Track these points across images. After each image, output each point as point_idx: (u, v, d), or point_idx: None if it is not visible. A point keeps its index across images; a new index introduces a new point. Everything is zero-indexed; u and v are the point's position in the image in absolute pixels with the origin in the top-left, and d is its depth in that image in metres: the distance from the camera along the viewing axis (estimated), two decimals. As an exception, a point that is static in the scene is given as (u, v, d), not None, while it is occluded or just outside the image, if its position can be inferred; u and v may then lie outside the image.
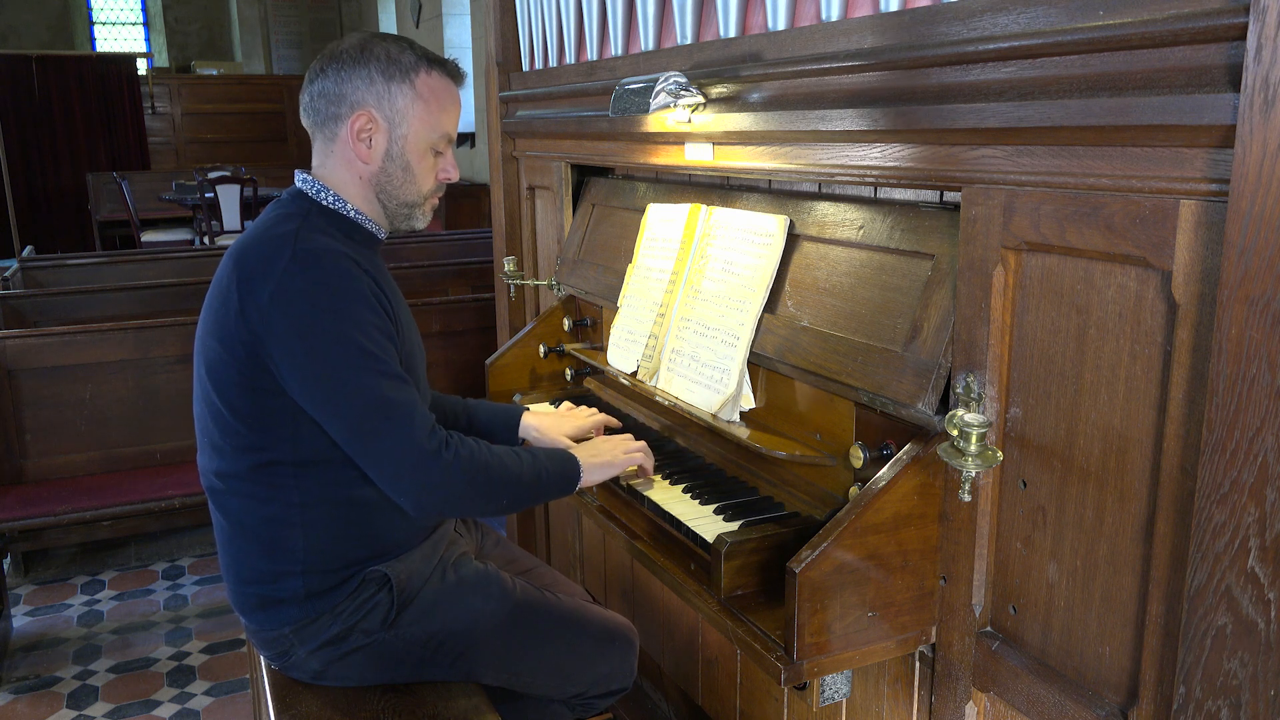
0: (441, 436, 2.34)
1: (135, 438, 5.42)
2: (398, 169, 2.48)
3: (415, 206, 2.54)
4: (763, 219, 2.72)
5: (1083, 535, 1.87)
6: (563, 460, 2.59)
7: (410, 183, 2.50)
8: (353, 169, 2.48)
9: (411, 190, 2.51)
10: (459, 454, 2.34)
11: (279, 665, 2.56)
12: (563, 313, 3.80)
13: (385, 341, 2.31)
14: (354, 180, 2.49)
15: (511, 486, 2.44)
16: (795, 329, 2.52)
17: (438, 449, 2.31)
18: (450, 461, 2.32)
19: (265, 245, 2.33)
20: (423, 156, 2.49)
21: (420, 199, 2.54)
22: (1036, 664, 2.00)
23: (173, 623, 5.02)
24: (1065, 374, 1.86)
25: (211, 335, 2.36)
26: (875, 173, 2.24)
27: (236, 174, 13.00)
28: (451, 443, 2.35)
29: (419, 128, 2.46)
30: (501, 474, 2.42)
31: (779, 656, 2.06)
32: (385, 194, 2.50)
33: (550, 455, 2.58)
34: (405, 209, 2.53)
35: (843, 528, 2.03)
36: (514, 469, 2.45)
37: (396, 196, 2.51)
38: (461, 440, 2.38)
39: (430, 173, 2.52)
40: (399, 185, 2.49)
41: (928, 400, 2.10)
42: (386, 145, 2.45)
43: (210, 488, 2.49)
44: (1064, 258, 1.83)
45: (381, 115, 2.43)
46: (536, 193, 4.23)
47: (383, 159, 2.46)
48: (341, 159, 2.48)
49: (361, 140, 2.44)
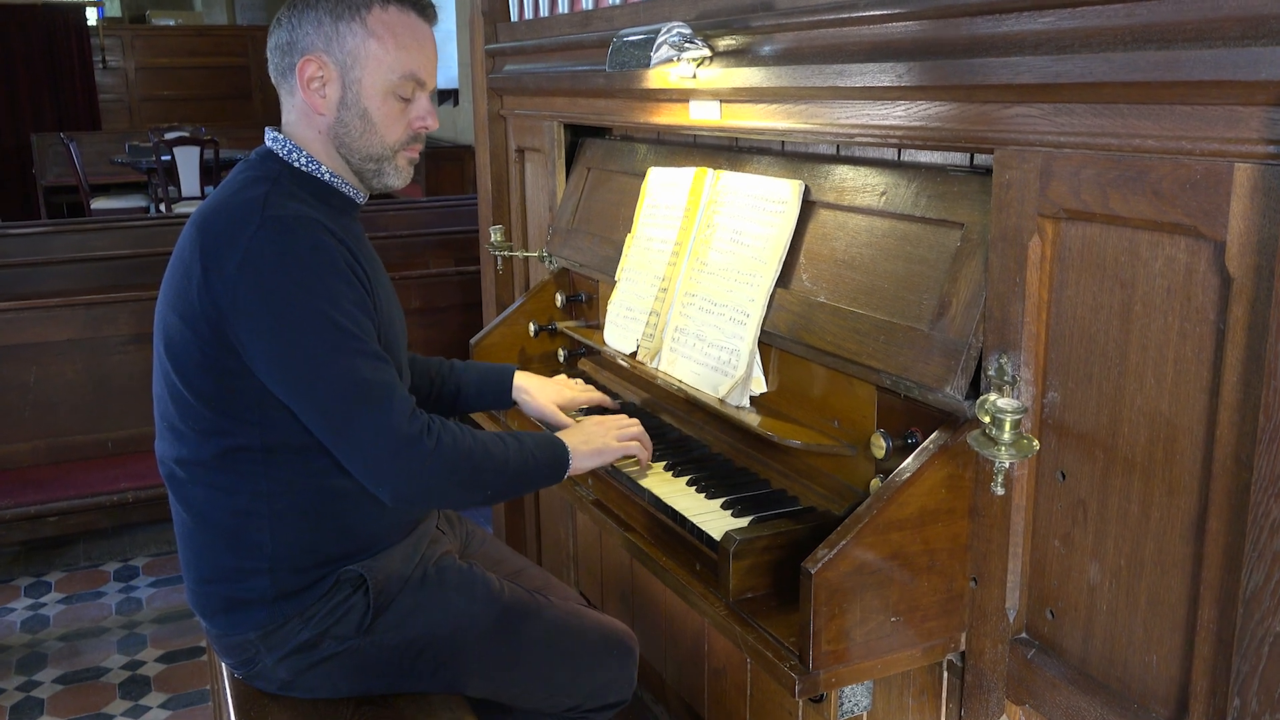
0: (423, 422, 2.34)
1: (85, 425, 5.43)
2: (354, 118, 2.45)
3: (383, 160, 2.52)
4: (775, 184, 2.72)
5: (1127, 532, 1.87)
6: (551, 447, 2.60)
7: (370, 133, 2.47)
8: (311, 123, 2.47)
9: (374, 142, 2.48)
10: (441, 441, 2.34)
11: (243, 674, 2.57)
12: (555, 287, 3.80)
13: (362, 317, 2.32)
14: (315, 136, 2.48)
15: (496, 475, 2.45)
16: (811, 305, 2.52)
17: (419, 435, 2.31)
18: (432, 449, 2.32)
19: (231, 211, 2.33)
20: (384, 102, 2.45)
21: (387, 151, 2.51)
22: (1076, 674, 2.00)
23: (126, 629, 5.03)
24: (1108, 355, 1.86)
25: (172, 310, 2.36)
26: (899, 133, 2.24)
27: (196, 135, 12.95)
28: (434, 428, 2.35)
29: (375, 69, 2.42)
30: (486, 462, 2.43)
31: (793, 666, 2.07)
32: (346, 148, 2.48)
33: (538, 442, 2.58)
34: (372, 164, 2.51)
35: (863, 524, 2.03)
36: (499, 456, 2.46)
37: (359, 150, 2.49)
38: (444, 425, 2.39)
39: (396, 121, 2.48)
40: (358, 136, 2.47)
41: (957, 384, 2.10)
42: (340, 92, 2.43)
43: (170, 477, 2.49)
44: (1107, 227, 1.83)
45: (332, 59, 2.41)
46: (526, 155, 4.23)
47: (337, 108, 2.44)
48: (301, 114, 2.48)
49: (314, 90, 2.43)
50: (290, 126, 2.51)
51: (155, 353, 2.46)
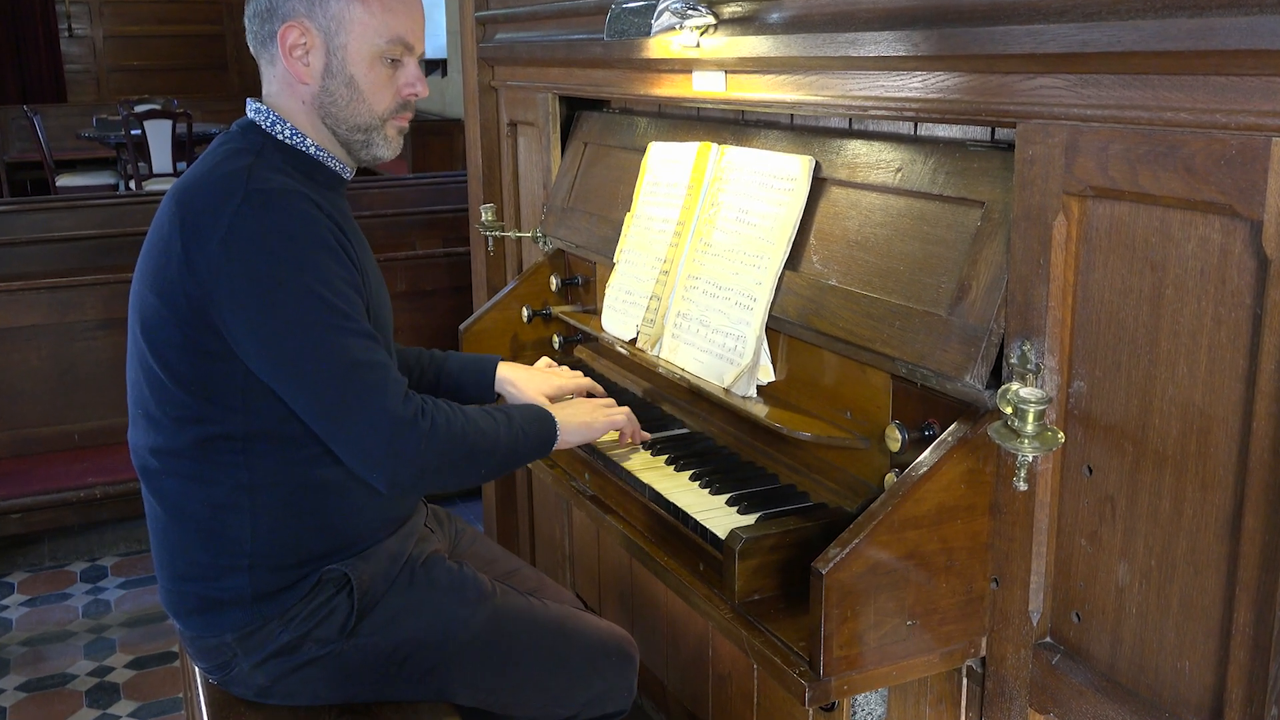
0: (417, 403, 2.36)
1: (50, 416, 5.43)
2: (341, 87, 2.46)
3: (372, 130, 2.52)
4: (783, 160, 2.71)
5: (1158, 530, 1.87)
6: (538, 419, 2.63)
7: (358, 102, 2.48)
8: (295, 93, 2.47)
9: (362, 111, 2.49)
10: (436, 422, 2.36)
11: (218, 679, 2.57)
12: (549, 270, 3.80)
13: (353, 295, 2.33)
14: (299, 107, 2.48)
15: (489, 455, 2.48)
16: (822, 289, 2.52)
17: (414, 418, 2.32)
18: (427, 432, 2.34)
19: (213, 185, 2.33)
20: (371, 68, 2.46)
21: (376, 120, 2.51)
22: (1104, 681, 2.00)
23: (93, 632, 5.03)
24: (1137, 341, 1.86)
25: (149, 289, 2.36)
26: (915, 106, 2.23)
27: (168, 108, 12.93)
28: (428, 410, 2.37)
29: (361, 33, 2.43)
30: (480, 442, 2.45)
31: (802, 672, 2.07)
32: (332, 119, 2.49)
33: (525, 415, 2.62)
34: (360, 134, 2.52)
35: (877, 521, 2.03)
36: (491, 434, 2.48)
37: (346, 120, 2.49)
38: (437, 406, 2.40)
39: (385, 88, 2.49)
40: (345, 106, 2.48)
41: (977, 372, 2.10)
42: (325, 60, 2.44)
43: (143, 468, 2.49)
44: (1136, 205, 1.82)
45: (315, 25, 2.41)
46: (519, 129, 4.22)
47: (322, 76, 2.45)
48: (283, 84, 2.48)
49: (296, 58, 2.43)
50: (272, 98, 2.51)
51: (130, 334, 2.46)
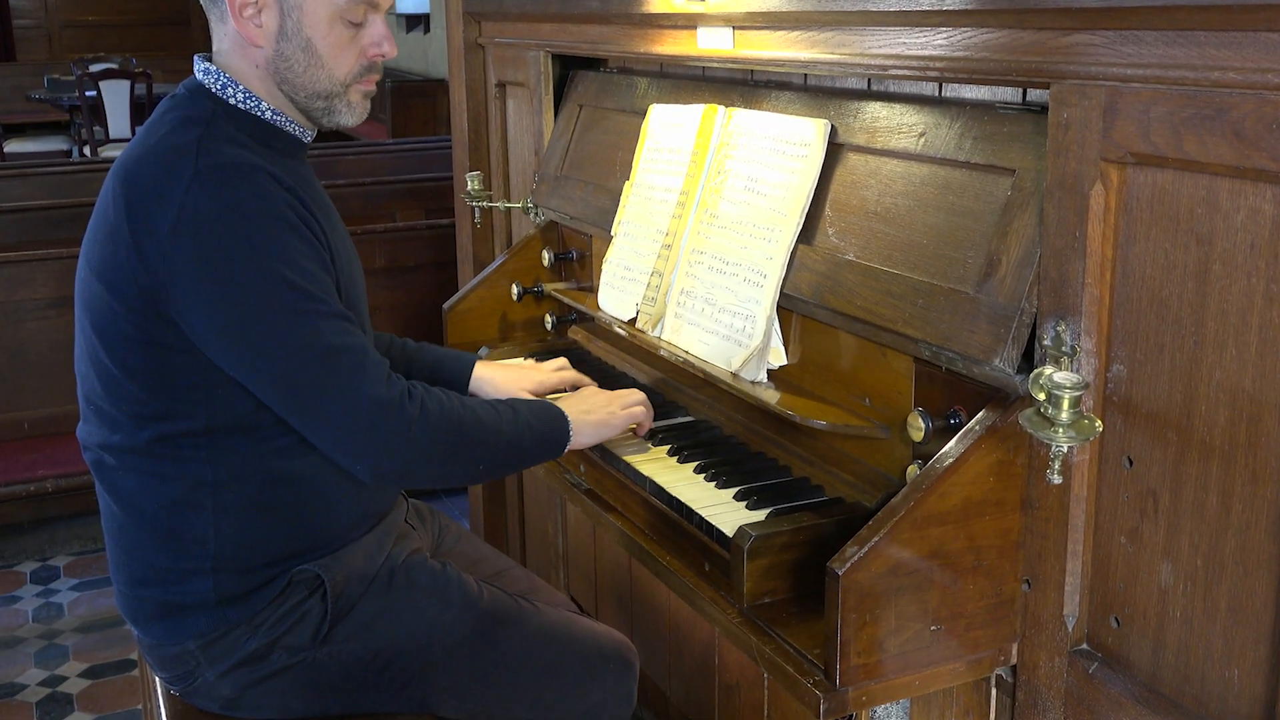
0: (402, 386, 2.35)
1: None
2: (297, 51, 2.43)
3: (333, 98, 2.50)
4: (796, 124, 2.71)
5: (1204, 527, 1.87)
6: (549, 416, 2.61)
7: (317, 67, 2.45)
8: (247, 55, 2.45)
9: (321, 77, 2.47)
10: (426, 407, 2.35)
11: (180, 690, 2.57)
12: (541, 244, 3.80)
13: (320, 274, 2.32)
14: (252, 70, 2.46)
15: (488, 448, 2.47)
16: (838, 264, 2.52)
17: (399, 401, 2.32)
18: (416, 416, 2.33)
19: (160, 160, 2.32)
20: (330, 30, 2.43)
21: (337, 87, 2.49)
22: (1145, 691, 2.01)
23: (44, 639, 5.05)
24: (1182, 321, 1.86)
25: (96, 277, 2.35)
26: (940, 65, 2.23)
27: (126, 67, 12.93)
28: (415, 393, 2.36)
29: None
30: (476, 432, 2.44)
31: (817, 682, 2.07)
32: (288, 84, 2.47)
33: (535, 410, 2.60)
34: (321, 101, 2.50)
35: (899, 517, 2.03)
36: (493, 426, 2.47)
37: (304, 86, 2.47)
38: (427, 390, 2.39)
39: (346, 50, 2.46)
40: (302, 72, 2.45)
41: (1007, 355, 2.10)
42: (279, 21, 2.41)
43: (97, 464, 2.49)
44: (1181, 173, 1.82)
45: None
46: (508, 90, 4.22)
47: (276, 39, 2.42)
48: (234, 43, 2.46)
49: (247, 17, 2.41)
50: (223, 56, 2.48)
51: (78, 325, 2.45)
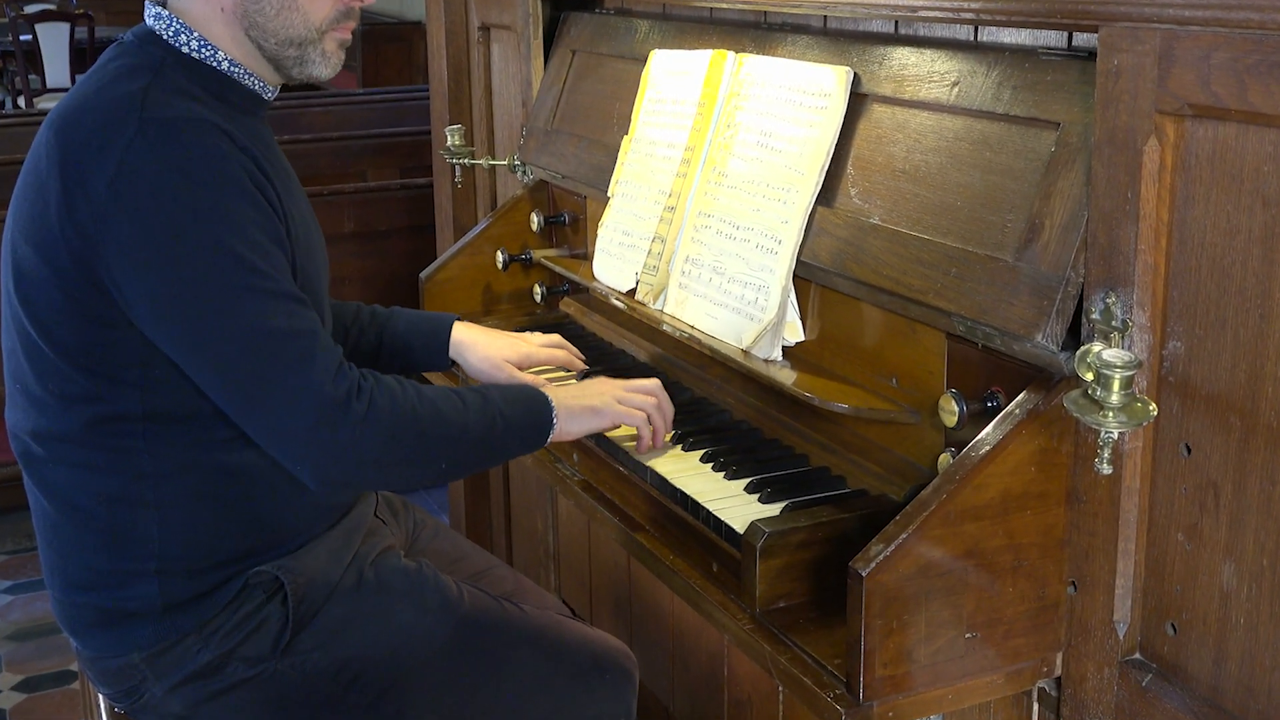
0: (353, 380, 2.34)
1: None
2: None
3: (307, 45, 2.50)
4: (815, 71, 2.71)
5: (1271, 523, 1.87)
6: (527, 402, 2.59)
7: (290, 10, 2.45)
8: (210, 1, 2.45)
9: (294, 21, 2.46)
10: (376, 403, 2.34)
11: (125, 707, 2.58)
12: (530, 206, 3.80)
13: (272, 247, 2.32)
14: (216, 14, 2.45)
15: (452, 444, 2.46)
16: (862, 229, 2.52)
17: (346, 398, 2.31)
18: (363, 415, 2.32)
19: (100, 112, 2.31)
20: None
21: (312, 33, 2.49)
22: (1205, 705, 2.01)
23: (-25, 648, 5.06)
24: (1246, 292, 1.85)
25: (25, 240, 2.35)
26: (976, 6, 2.23)
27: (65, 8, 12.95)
28: (365, 388, 2.35)
29: None
30: (437, 428, 2.43)
31: (838, 696, 2.08)
32: (259, 30, 2.46)
33: (509, 396, 2.58)
34: (294, 49, 2.49)
35: (929, 512, 2.03)
36: (456, 420, 2.45)
37: (275, 32, 2.46)
38: (379, 381, 2.38)
39: None
40: (274, 16, 2.45)
41: (1050, 330, 2.10)
42: None
43: (25, 454, 2.49)
44: (1245, 127, 1.82)
45: None
46: (493, 34, 4.22)
47: None
48: None
49: None
50: (181, 1, 2.48)
51: (4, 295, 2.45)
